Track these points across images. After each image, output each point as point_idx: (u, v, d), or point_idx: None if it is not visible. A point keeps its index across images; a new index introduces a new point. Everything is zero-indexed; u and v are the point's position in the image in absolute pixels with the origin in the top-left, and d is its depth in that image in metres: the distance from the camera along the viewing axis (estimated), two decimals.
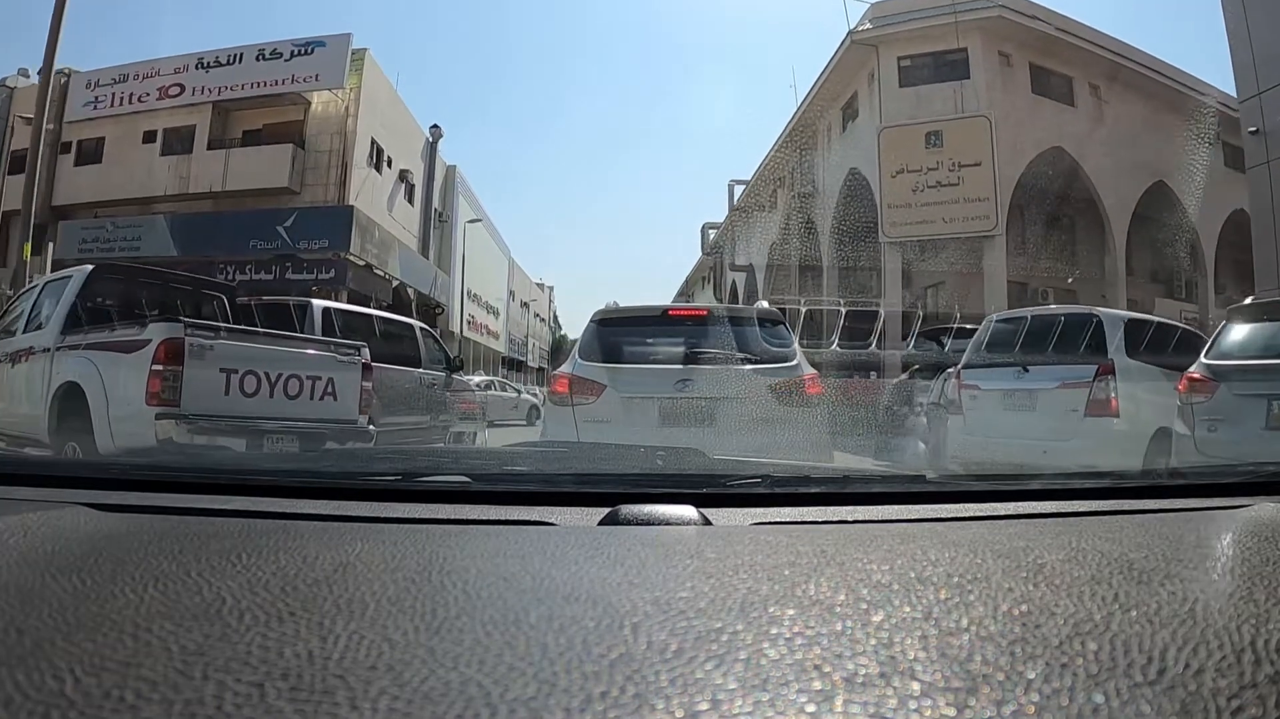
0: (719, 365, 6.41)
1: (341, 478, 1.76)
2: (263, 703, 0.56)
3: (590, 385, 6.45)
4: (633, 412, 6.28)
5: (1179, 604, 0.79)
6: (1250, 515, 1.37)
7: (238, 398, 6.85)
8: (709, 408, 6.18)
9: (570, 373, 6.63)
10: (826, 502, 1.50)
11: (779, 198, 37.04)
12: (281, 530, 1.14)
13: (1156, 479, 2.06)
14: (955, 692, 0.58)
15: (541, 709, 0.56)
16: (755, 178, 39.15)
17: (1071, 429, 7.55)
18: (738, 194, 39.59)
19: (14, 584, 0.85)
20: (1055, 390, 7.94)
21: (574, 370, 6.63)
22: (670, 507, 1.34)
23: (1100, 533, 1.17)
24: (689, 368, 6.36)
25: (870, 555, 0.98)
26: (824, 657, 0.64)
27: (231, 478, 1.69)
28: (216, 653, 0.64)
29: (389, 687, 0.59)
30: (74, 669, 0.61)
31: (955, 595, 0.81)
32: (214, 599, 0.78)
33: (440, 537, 1.16)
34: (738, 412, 6.17)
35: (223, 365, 6.79)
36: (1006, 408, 8.40)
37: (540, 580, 0.87)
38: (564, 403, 6.48)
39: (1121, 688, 0.59)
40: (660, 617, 0.73)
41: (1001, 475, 2.00)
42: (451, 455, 3.62)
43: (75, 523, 1.17)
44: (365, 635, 0.68)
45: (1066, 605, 0.78)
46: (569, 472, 1.86)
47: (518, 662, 0.63)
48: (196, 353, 6.59)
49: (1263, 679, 0.61)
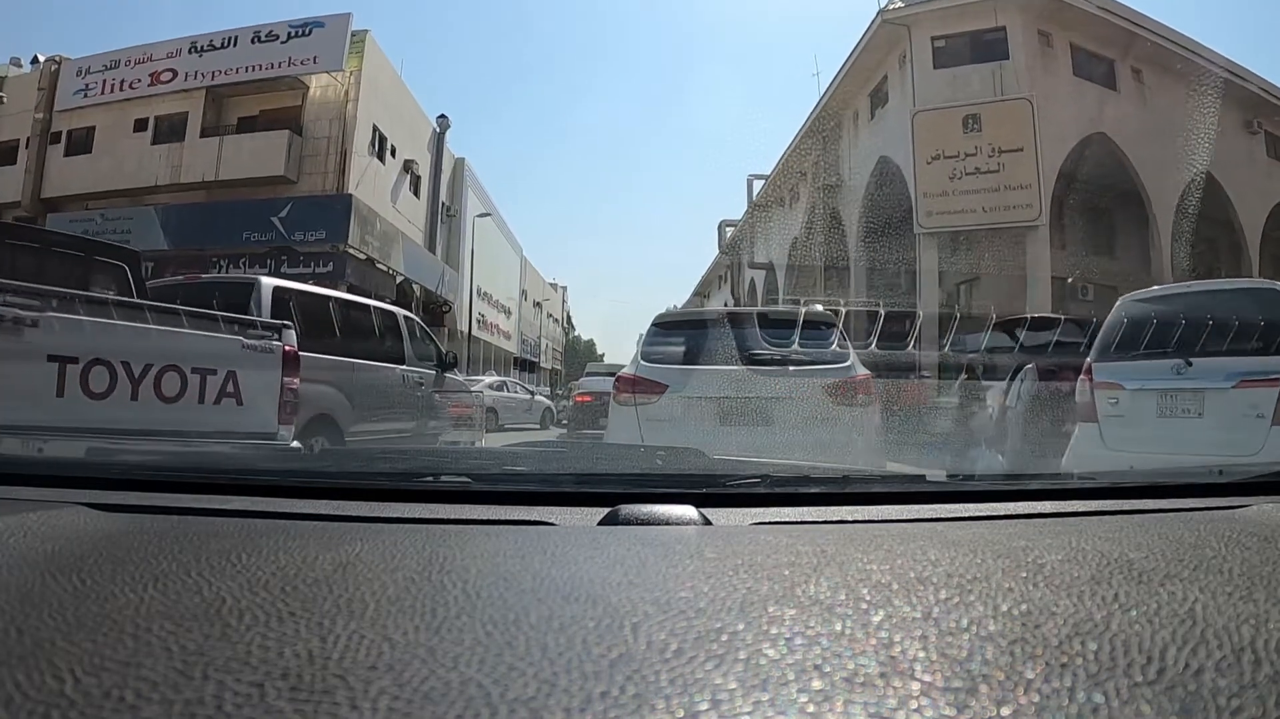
0: (775, 366, 6.50)
1: (341, 478, 1.74)
2: (263, 703, 0.56)
3: (652, 386, 6.66)
4: (692, 412, 6.45)
5: (1179, 604, 0.79)
6: (1250, 515, 1.38)
7: (79, 401, 4.69)
8: (765, 408, 6.29)
9: (634, 373, 6.89)
10: (826, 502, 1.50)
11: (801, 191, 35.89)
12: (281, 530, 1.14)
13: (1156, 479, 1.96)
14: (955, 692, 0.59)
15: (541, 709, 0.56)
16: (775, 171, 37.82)
17: (1256, 440, 5.91)
18: (757, 189, 38.77)
19: (14, 584, 0.85)
20: (1231, 390, 6.24)
21: (637, 371, 6.87)
22: (670, 506, 1.35)
23: (1100, 533, 1.17)
24: (746, 369, 6.45)
25: (870, 555, 0.98)
26: (824, 657, 0.64)
27: (231, 478, 1.69)
28: (216, 653, 0.64)
29: (389, 687, 0.59)
30: (74, 669, 0.61)
31: (955, 595, 0.81)
32: (214, 599, 0.78)
33: (440, 536, 1.16)
34: (793, 412, 6.25)
35: (52, 352, 4.65)
36: (1161, 413, 6.62)
37: (540, 580, 0.87)
38: (628, 403, 6.68)
39: (1121, 688, 0.59)
40: (660, 616, 0.73)
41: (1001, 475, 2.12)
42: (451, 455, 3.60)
43: (75, 523, 1.18)
44: (365, 635, 0.69)
45: (1066, 605, 0.78)
46: (569, 471, 1.85)
47: (518, 662, 0.63)
48: None
49: (1262, 679, 0.62)
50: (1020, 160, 24.76)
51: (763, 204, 38.52)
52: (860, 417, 6.32)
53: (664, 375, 6.69)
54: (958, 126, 25.52)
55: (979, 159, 25.19)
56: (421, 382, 9.60)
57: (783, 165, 37.13)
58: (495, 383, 22.82)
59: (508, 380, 24.74)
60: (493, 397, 21.15)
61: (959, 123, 25.56)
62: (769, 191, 38.34)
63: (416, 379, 9.49)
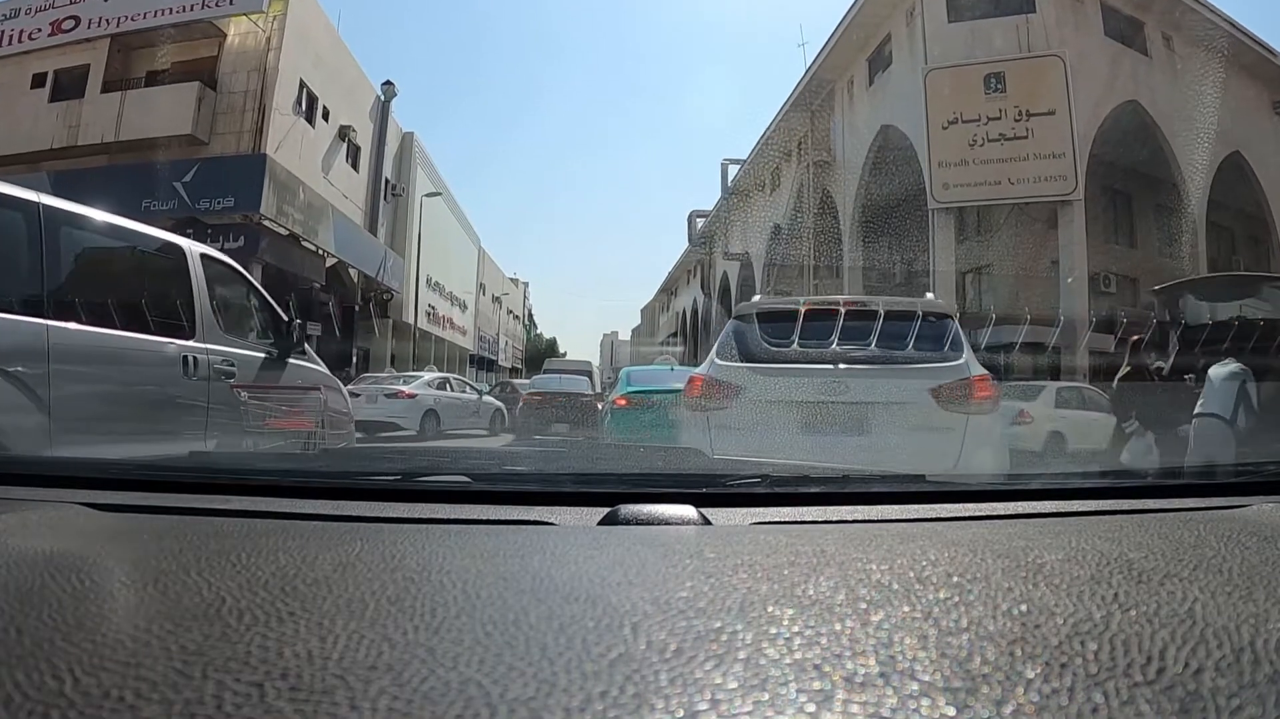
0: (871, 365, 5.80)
1: (341, 478, 1.75)
2: (262, 703, 0.57)
3: (724, 388, 5.98)
4: (771, 416, 5.81)
5: (1178, 604, 0.79)
6: (1250, 515, 1.38)
7: None
8: (857, 413, 5.66)
9: (705, 374, 6.26)
10: (826, 501, 1.51)
11: (784, 173, 33.75)
12: (281, 530, 1.15)
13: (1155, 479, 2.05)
14: (955, 692, 0.59)
15: (541, 709, 0.56)
16: (755, 153, 35.27)
17: None
18: (733, 174, 36.50)
19: (14, 584, 0.86)
20: None
21: (709, 371, 6.24)
22: (670, 506, 1.36)
23: (1099, 533, 1.18)
24: (835, 368, 5.79)
25: (870, 555, 0.99)
26: (823, 656, 0.65)
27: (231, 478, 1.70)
28: (216, 653, 0.65)
29: (389, 687, 0.59)
30: (74, 669, 0.61)
31: (955, 595, 0.82)
32: (214, 599, 0.79)
33: (440, 536, 1.17)
34: (890, 417, 5.61)
35: None
36: None
37: (540, 580, 0.88)
38: (697, 407, 6.10)
39: (1121, 688, 0.60)
40: (660, 616, 0.73)
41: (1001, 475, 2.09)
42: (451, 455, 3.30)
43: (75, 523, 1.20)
44: (365, 635, 0.69)
45: (1066, 605, 0.78)
46: (569, 471, 1.86)
47: (517, 661, 0.63)
48: None
49: (1262, 679, 0.62)
50: (1052, 125, 21.83)
51: (740, 190, 36.16)
52: (977, 425, 5.60)
53: (738, 376, 6.00)
54: (978, 86, 22.61)
55: (1003, 123, 22.26)
56: (229, 368, 5.63)
57: (763, 145, 34.37)
58: (435, 380, 19.24)
59: (452, 378, 20.85)
60: (433, 397, 18.20)
61: (979, 82, 22.65)
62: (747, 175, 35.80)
63: (219, 364, 5.53)
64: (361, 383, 18.23)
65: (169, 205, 21.66)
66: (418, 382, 18.33)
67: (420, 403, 17.35)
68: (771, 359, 6.06)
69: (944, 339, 5.99)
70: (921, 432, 5.54)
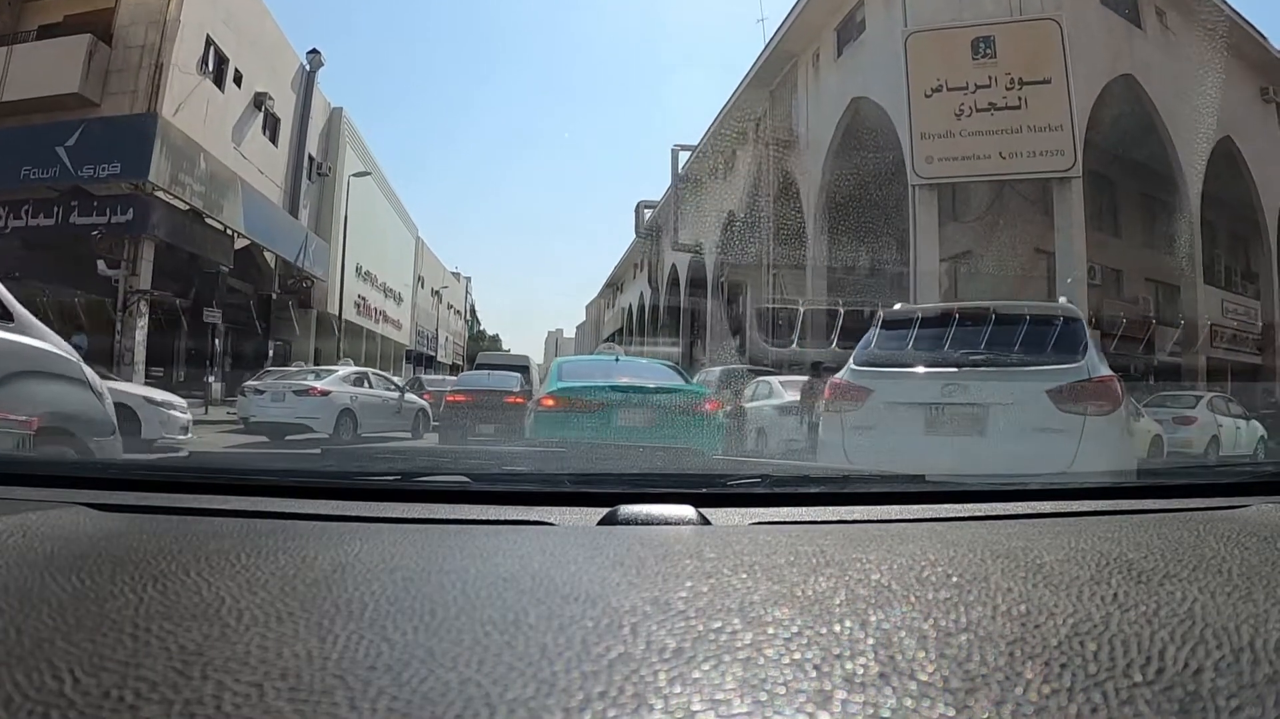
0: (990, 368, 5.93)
1: (340, 478, 1.73)
2: (262, 703, 0.57)
3: (855, 391, 6.26)
4: (897, 418, 6.05)
5: (1178, 604, 0.79)
6: (1250, 515, 1.37)
7: None
8: (977, 414, 5.80)
9: (840, 378, 6.52)
10: (826, 502, 1.50)
11: (740, 157, 31.24)
12: (280, 530, 1.14)
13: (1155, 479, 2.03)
14: (955, 692, 0.59)
15: (541, 709, 0.56)
16: (708, 136, 33.06)
17: None
18: (684, 161, 33.98)
19: (14, 584, 0.85)
20: None
21: (845, 376, 6.47)
22: (669, 507, 1.35)
23: (1099, 533, 1.17)
24: (959, 370, 5.96)
25: (869, 555, 0.98)
26: (823, 657, 0.65)
27: (231, 478, 1.68)
28: (216, 653, 0.65)
29: (388, 687, 0.59)
30: (74, 669, 0.61)
31: (954, 595, 0.81)
32: (213, 599, 0.78)
33: (439, 536, 1.17)
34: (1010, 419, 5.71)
35: None
36: None
37: (539, 580, 0.87)
38: (833, 408, 6.45)
39: (1120, 688, 0.60)
40: (659, 616, 0.73)
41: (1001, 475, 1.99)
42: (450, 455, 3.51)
43: (75, 523, 1.17)
44: (364, 635, 0.69)
45: (1066, 605, 0.78)
46: (568, 472, 1.82)
47: (517, 662, 0.63)
48: None
49: (1261, 679, 0.62)
50: (1047, 95, 20.05)
51: (692, 177, 33.59)
52: (1097, 427, 5.52)
53: (870, 379, 6.22)
54: (965, 51, 20.80)
55: (994, 92, 20.45)
56: None
57: (718, 127, 32.13)
58: (352, 376, 16.66)
59: (370, 373, 18.23)
60: (349, 394, 15.91)
61: (966, 47, 20.83)
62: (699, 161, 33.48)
63: None
64: (267, 378, 16.02)
65: (50, 173, 19.67)
66: (332, 377, 15.90)
67: (334, 401, 15.02)
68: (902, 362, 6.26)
69: (1068, 341, 6.01)
70: (1037, 432, 5.54)
